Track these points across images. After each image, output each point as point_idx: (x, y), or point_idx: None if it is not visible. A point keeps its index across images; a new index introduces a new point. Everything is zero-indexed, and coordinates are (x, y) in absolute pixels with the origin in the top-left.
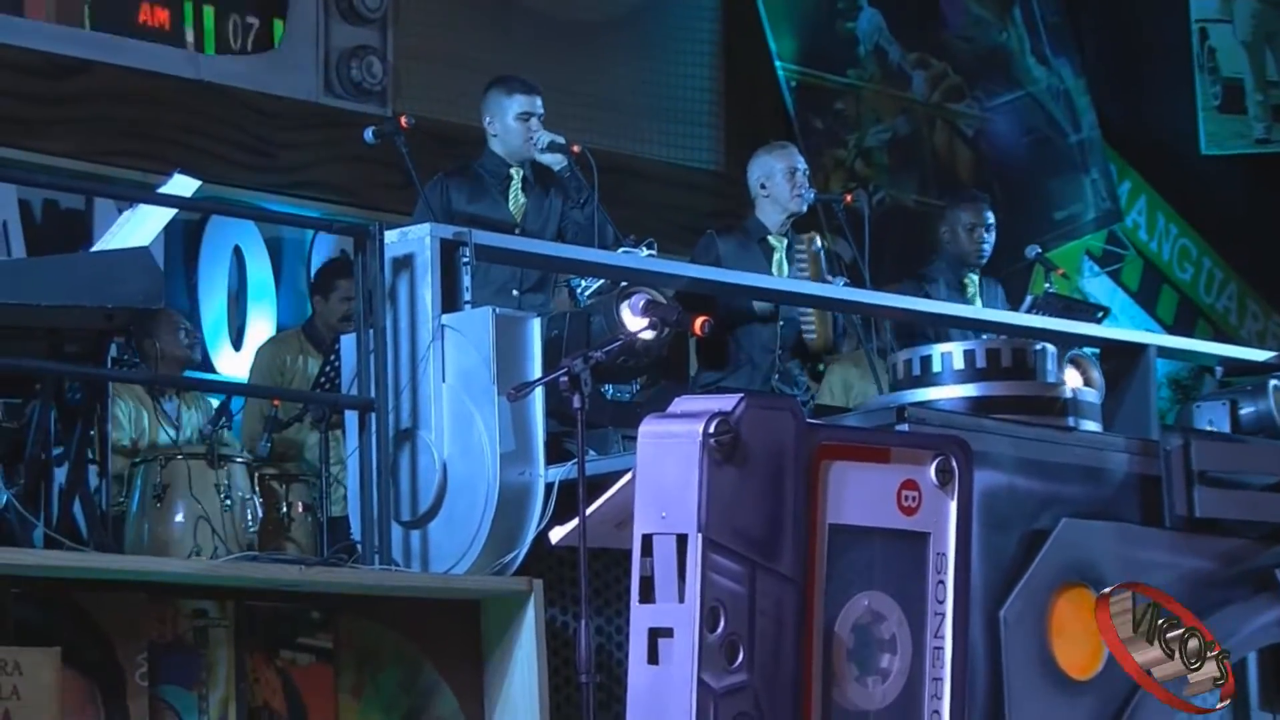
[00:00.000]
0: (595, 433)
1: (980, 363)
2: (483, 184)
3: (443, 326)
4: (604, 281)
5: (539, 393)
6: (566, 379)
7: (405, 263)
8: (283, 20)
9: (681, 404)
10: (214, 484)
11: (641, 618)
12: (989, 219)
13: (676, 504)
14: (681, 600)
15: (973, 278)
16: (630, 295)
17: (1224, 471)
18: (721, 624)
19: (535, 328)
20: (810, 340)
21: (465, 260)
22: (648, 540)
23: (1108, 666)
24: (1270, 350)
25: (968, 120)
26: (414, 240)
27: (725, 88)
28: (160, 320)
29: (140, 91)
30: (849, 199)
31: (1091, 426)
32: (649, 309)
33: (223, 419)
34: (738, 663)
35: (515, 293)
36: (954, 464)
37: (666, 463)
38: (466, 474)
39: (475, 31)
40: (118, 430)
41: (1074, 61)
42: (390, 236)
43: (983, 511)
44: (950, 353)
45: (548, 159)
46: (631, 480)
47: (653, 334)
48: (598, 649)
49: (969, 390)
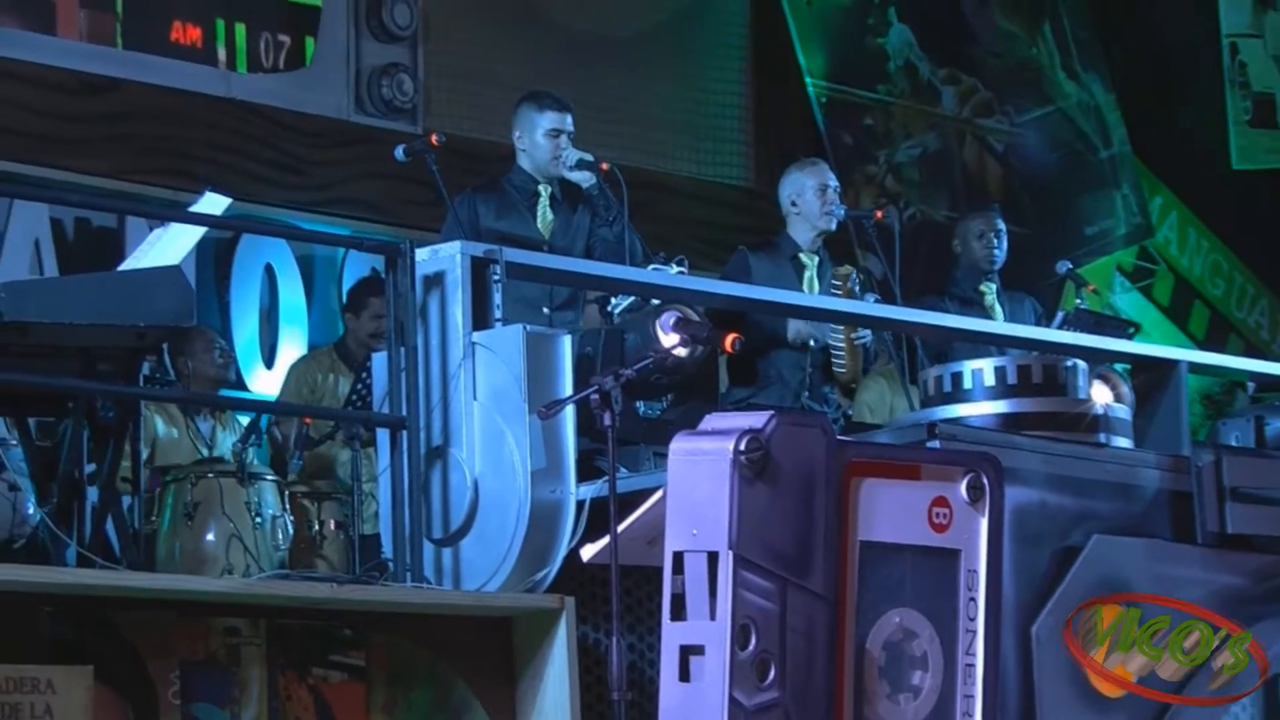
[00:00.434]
0: (627, 450)
1: (1011, 379)
2: (510, 200)
3: (474, 344)
4: (634, 299)
5: (570, 410)
6: (597, 396)
7: (436, 280)
8: (314, 38)
9: (712, 421)
10: (245, 502)
11: (673, 635)
12: (999, 226)
13: (708, 521)
14: (713, 618)
15: (990, 286)
16: (661, 312)
17: (1256, 487)
18: (753, 641)
19: (566, 345)
20: (840, 374)
21: (496, 278)
22: (679, 557)
23: (1139, 682)
24: None
25: (998, 135)
26: (445, 258)
27: (755, 103)
28: (195, 339)
29: (172, 110)
30: (879, 215)
31: (1123, 442)
32: (680, 326)
33: (253, 437)
34: (769, 680)
35: (546, 310)
36: (985, 481)
37: (697, 480)
38: (498, 491)
39: (505, 48)
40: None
41: (1104, 76)
42: (421, 254)
43: (1014, 528)
44: (981, 369)
45: (576, 177)
46: (663, 498)
47: (685, 351)
48: (629, 666)
49: (1000, 407)
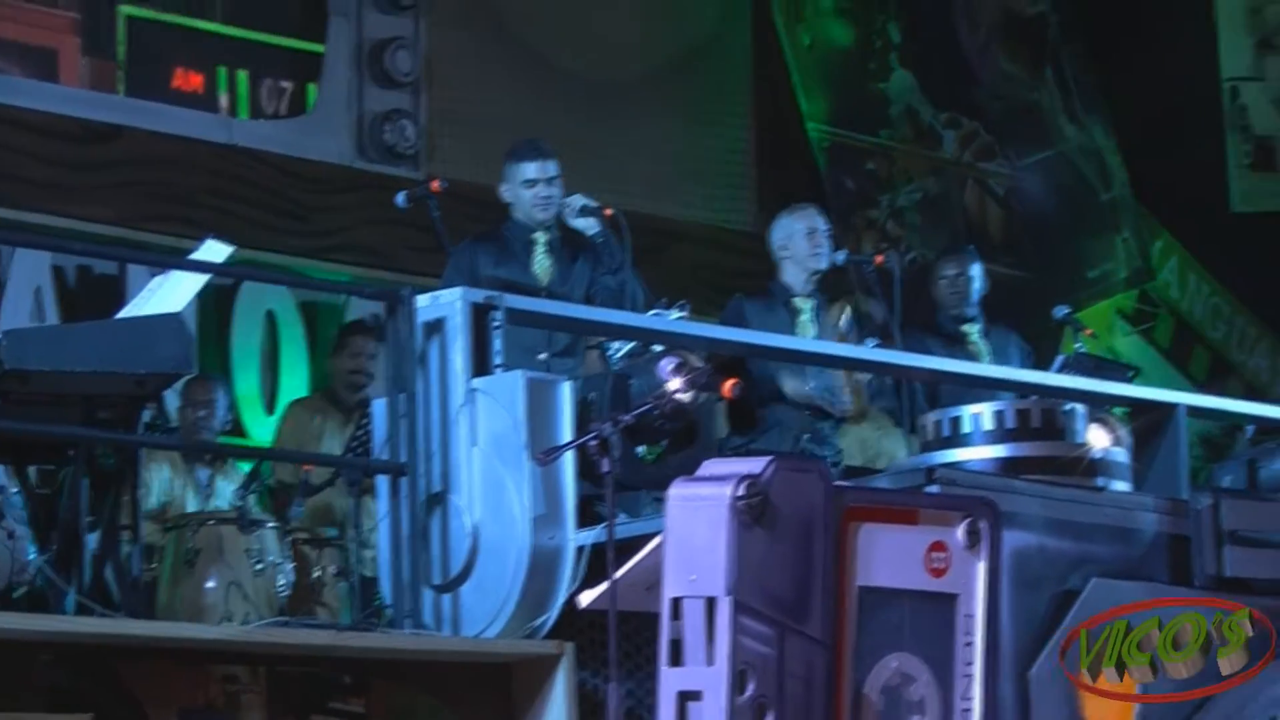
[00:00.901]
0: (626, 495)
1: (1010, 423)
2: (509, 248)
3: (473, 390)
4: (635, 344)
5: (569, 456)
6: (596, 443)
7: (436, 327)
8: (316, 84)
9: (710, 467)
10: (245, 549)
11: (671, 681)
12: (971, 271)
13: (705, 567)
14: (711, 663)
15: (972, 327)
16: (662, 357)
17: (1254, 531)
18: (751, 687)
19: (566, 391)
20: (846, 410)
21: (496, 324)
22: (677, 603)
23: None
24: None
25: (999, 179)
26: (445, 304)
27: (757, 148)
28: (188, 390)
29: (174, 157)
30: (880, 260)
31: (1121, 486)
32: (679, 371)
33: (253, 484)
34: None
35: (543, 356)
36: (982, 525)
37: (695, 525)
38: (497, 538)
39: (508, 94)
40: (146, 491)
41: (1105, 120)
42: (422, 300)
43: (1013, 571)
44: (980, 414)
45: (580, 224)
46: (661, 543)
47: (688, 396)
48: (628, 712)
49: (999, 451)
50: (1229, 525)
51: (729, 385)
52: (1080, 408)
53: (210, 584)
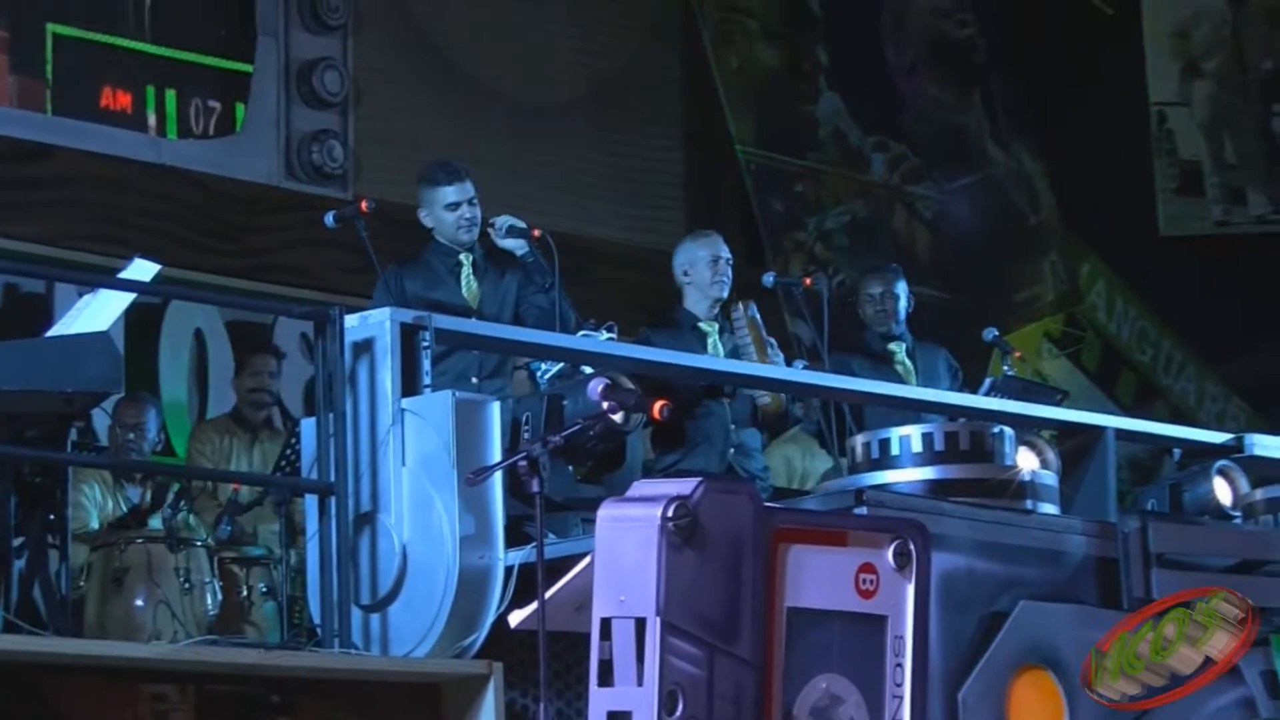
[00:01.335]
0: (555, 516)
1: (939, 446)
2: (436, 272)
3: (403, 410)
4: (564, 365)
5: (498, 476)
6: (525, 463)
7: (365, 347)
8: (244, 104)
9: (640, 488)
10: (174, 568)
11: (600, 701)
12: (897, 289)
13: (635, 587)
14: (640, 683)
15: (899, 345)
16: (592, 378)
17: (1181, 554)
18: (680, 707)
19: (495, 412)
20: (764, 404)
21: (425, 344)
22: (606, 624)
23: None
24: (1228, 431)
25: (927, 203)
26: (374, 324)
27: (686, 170)
28: (118, 411)
29: (102, 176)
30: (808, 282)
31: (1049, 509)
32: (608, 393)
33: (181, 503)
34: None
35: (474, 381)
36: (911, 547)
37: (625, 546)
38: (426, 557)
39: (436, 115)
40: (81, 513)
41: (1033, 144)
42: (351, 320)
43: (941, 593)
44: (909, 436)
45: (509, 244)
46: (591, 564)
47: (620, 417)
48: None
49: (927, 473)
50: (1157, 548)
51: (658, 406)
52: (1009, 430)
53: (139, 603)
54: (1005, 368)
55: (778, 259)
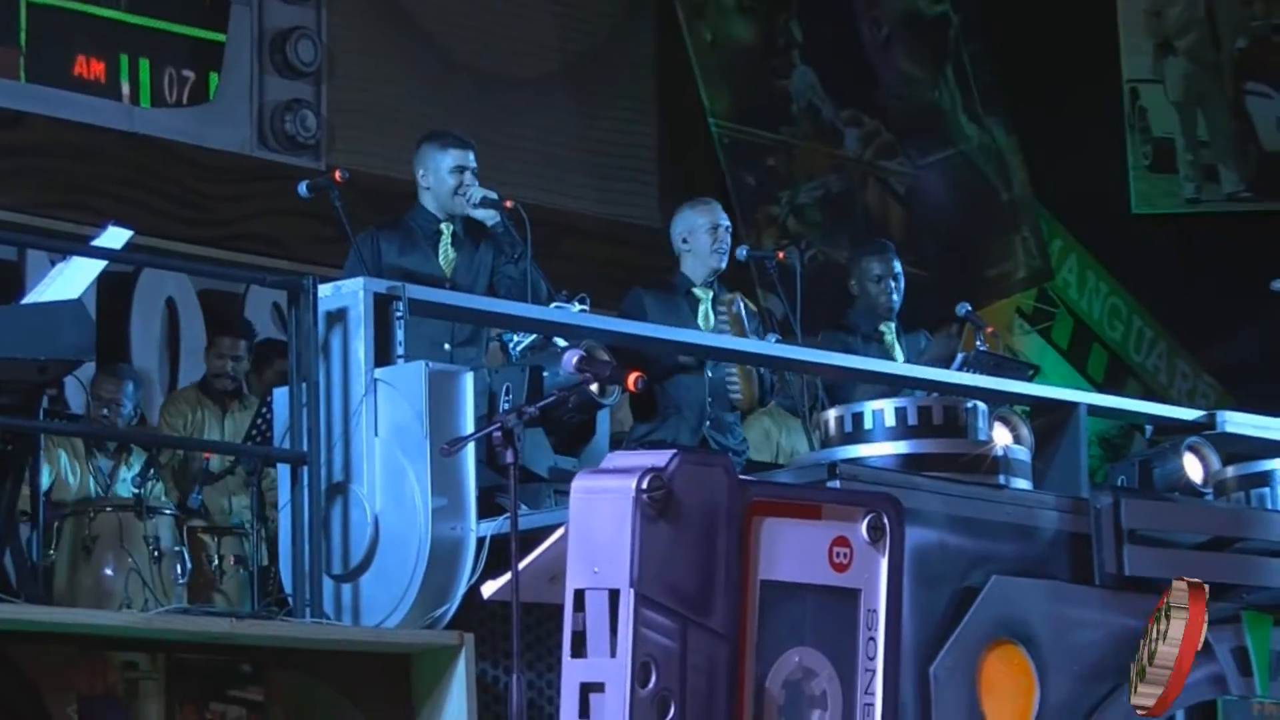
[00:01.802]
0: (527, 487)
1: (912, 420)
2: (413, 238)
3: (375, 380)
4: (537, 336)
5: (471, 447)
6: (500, 434)
7: (338, 316)
8: (218, 73)
9: (614, 459)
10: (143, 536)
11: (573, 672)
12: (896, 269)
13: (609, 559)
14: (613, 655)
15: (889, 326)
16: (565, 349)
17: (1154, 530)
18: (653, 679)
19: (468, 382)
20: (736, 400)
21: (399, 314)
22: (580, 595)
23: None
24: (1199, 409)
25: (900, 178)
26: (347, 294)
27: (659, 143)
28: (97, 384)
29: (75, 144)
30: (781, 256)
31: (1022, 484)
32: (583, 364)
33: (151, 471)
34: (669, 718)
35: (447, 347)
36: (885, 521)
37: (599, 518)
38: (398, 527)
39: (409, 86)
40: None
41: (1006, 120)
42: (324, 290)
43: (914, 568)
44: (882, 410)
45: (480, 214)
46: (564, 535)
47: (596, 389)
48: (529, 704)
49: (900, 447)
50: (1129, 524)
51: (633, 378)
52: (982, 405)
53: (109, 571)
54: (978, 343)
55: (750, 232)
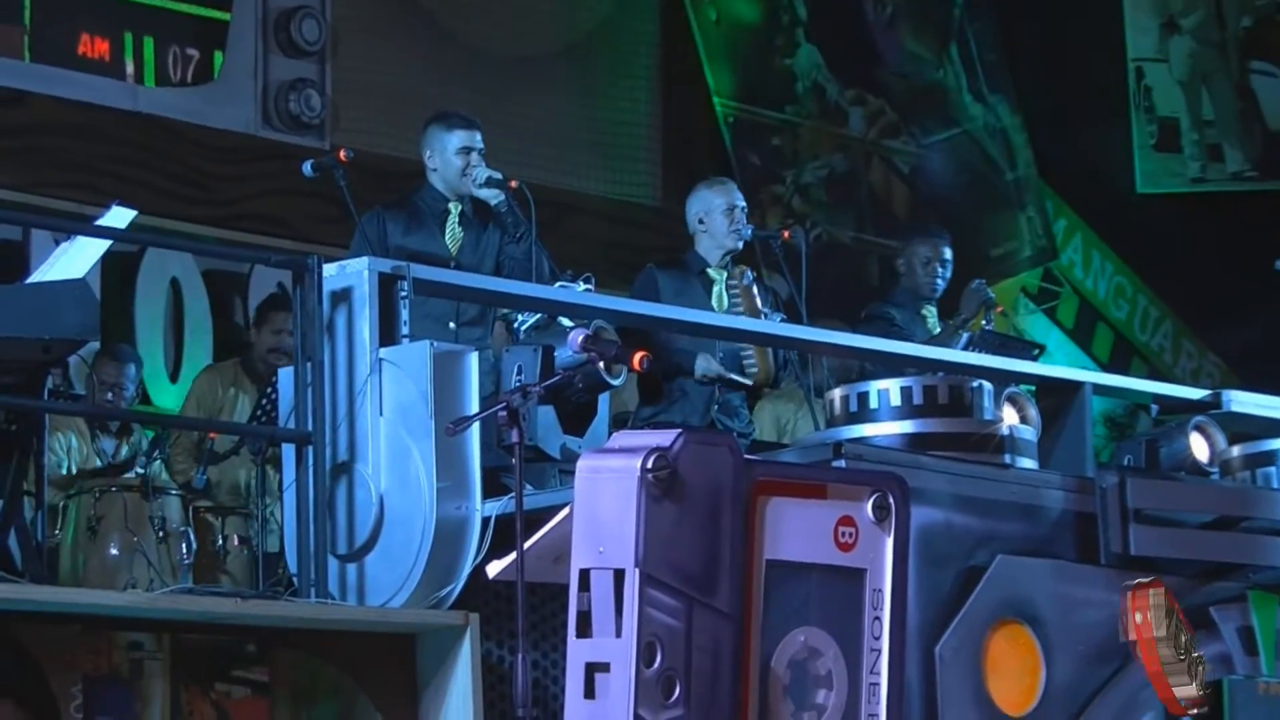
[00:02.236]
0: (532, 467)
1: (917, 399)
2: (420, 217)
3: (380, 360)
4: (542, 316)
5: (475, 427)
6: (505, 414)
7: (343, 296)
8: (222, 52)
9: (620, 439)
10: (148, 516)
11: (578, 652)
12: (946, 254)
13: (614, 539)
14: (619, 635)
15: (931, 309)
16: (571, 329)
17: (1159, 510)
18: (658, 659)
19: (473, 362)
20: (753, 376)
21: (403, 294)
22: (585, 575)
23: (1042, 702)
24: (1205, 388)
25: (904, 157)
26: (352, 274)
27: (663, 123)
28: (98, 366)
29: (79, 123)
30: (786, 236)
31: (1028, 464)
32: (588, 343)
33: (156, 451)
34: (674, 698)
35: (452, 326)
36: (891, 500)
37: (604, 498)
38: (403, 507)
39: (414, 66)
40: (56, 460)
41: (1010, 99)
42: (328, 270)
43: (919, 548)
44: (887, 389)
45: (485, 194)
46: (569, 515)
47: (603, 368)
48: (534, 683)
49: (906, 427)
50: (1135, 504)
51: (639, 358)
52: (987, 385)
53: (114, 551)
54: (985, 322)
55: (755, 212)
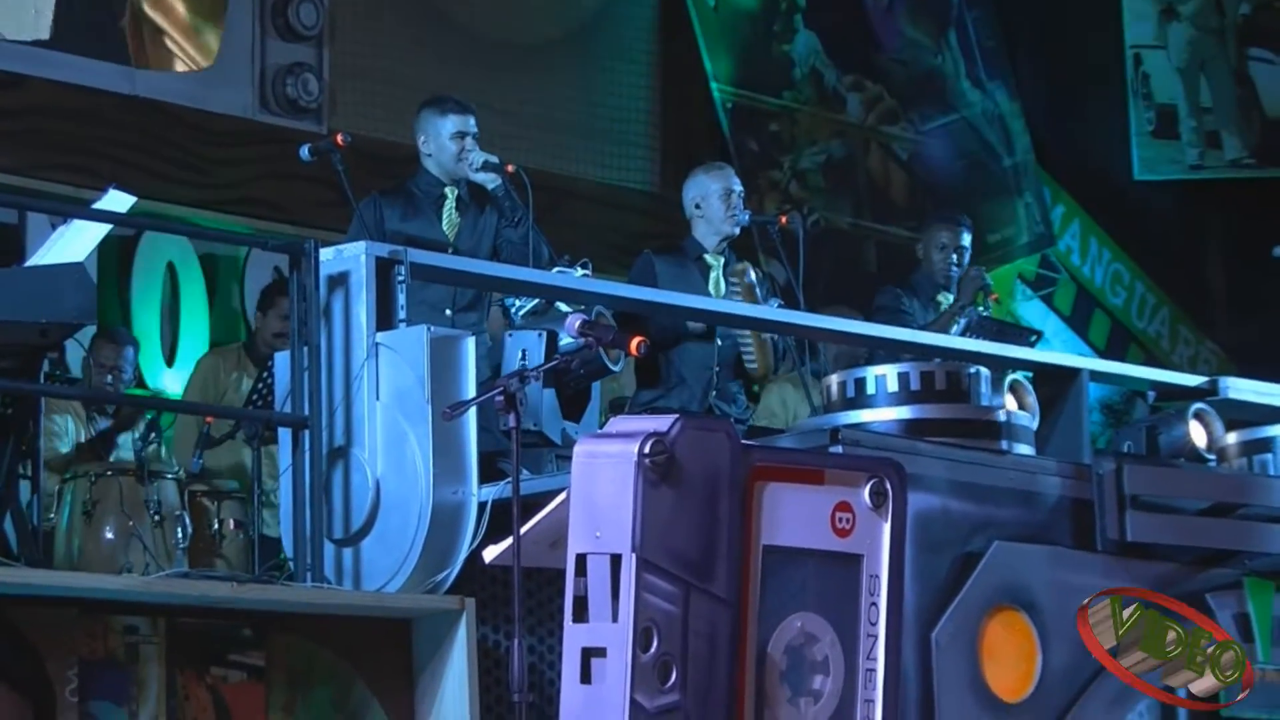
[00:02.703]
0: (528, 452)
1: (914, 385)
2: (416, 203)
3: (377, 345)
4: (539, 301)
5: (472, 412)
6: (502, 399)
7: (340, 280)
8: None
9: (617, 424)
10: (144, 500)
11: (575, 637)
12: (964, 241)
13: (611, 524)
14: (615, 620)
15: (946, 296)
16: (569, 314)
17: (1156, 496)
18: (655, 644)
19: (470, 347)
20: (752, 370)
21: (400, 279)
22: (581, 560)
23: (1038, 689)
24: (1202, 375)
25: (902, 143)
26: (349, 258)
27: (661, 108)
28: (97, 349)
29: (75, 107)
30: (784, 221)
31: (1025, 450)
32: (585, 328)
33: (153, 435)
34: (671, 683)
35: (448, 312)
36: (888, 486)
37: (601, 482)
38: (399, 492)
39: (411, 50)
40: (54, 440)
41: (1008, 85)
42: (326, 254)
43: (916, 534)
44: (884, 375)
45: (482, 178)
46: (566, 500)
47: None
48: (530, 668)
49: (903, 413)
50: (1131, 490)
51: (636, 343)
52: (985, 371)
53: (109, 534)
54: (982, 308)
55: (752, 198)
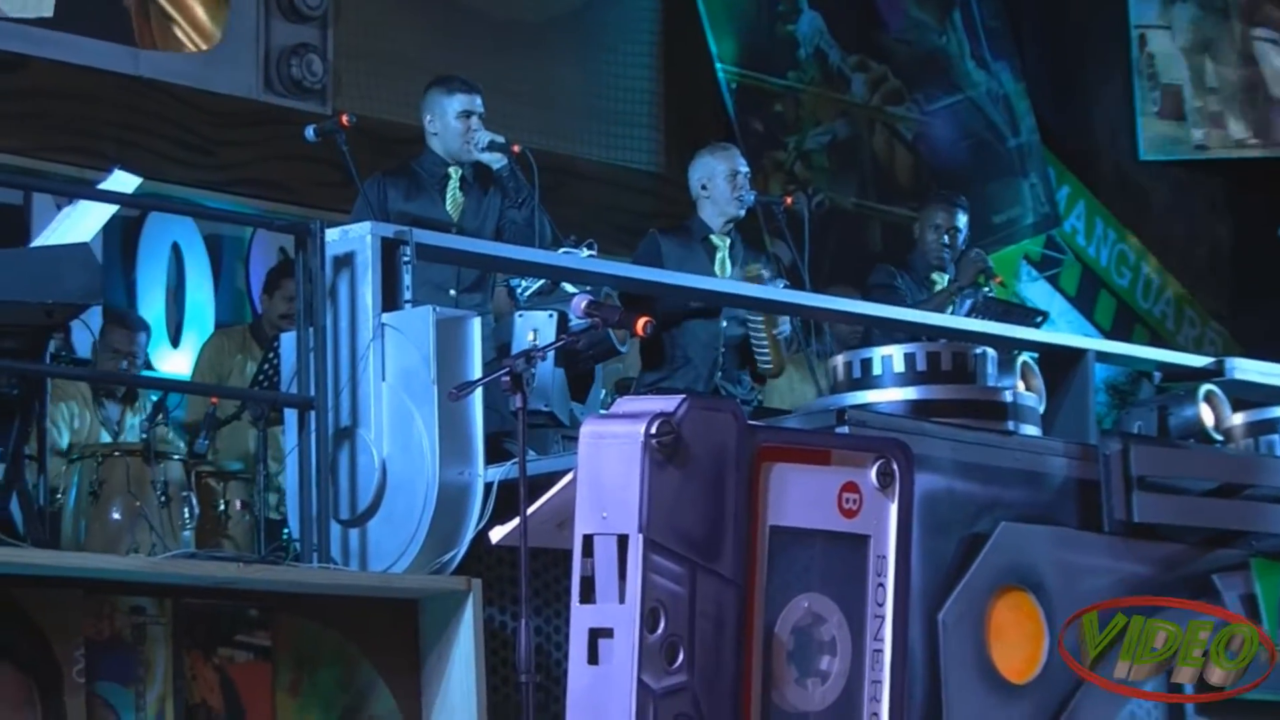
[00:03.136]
0: (535, 432)
1: (921, 366)
2: (420, 183)
3: (383, 325)
4: (544, 281)
5: (479, 392)
6: (508, 379)
7: (346, 261)
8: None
9: (623, 404)
10: (151, 480)
11: (582, 618)
12: (959, 223)
13: (618, 504)
14: (622, 601)
15: (941, 276)
16: (574, 294)
17: (1162, 477)
18: (662, 625)
19: (475, 327)
20: (765, 370)
21: (406, 259)
22: (588, 540)
23: (1045, 670)
24: (1207, 356)
25: (907, 124)
26: (355, 239)
27: (665, 89)
28: (107, 333)
29: (79, 87)
30: (789, 202)
31: (1031, 431)
32: (591, 309)
33: (159, 416)
34: (678, 663)
35: (452, 292)
36: (895, 467)
37: (608, 463)
38: (406, 473)
39: (416, 31)
40: (56, 432)
41: (1013, 66)
42: (331, 235)
43: (922, 514)
44: (890, 355)
45: (487, 158)
46: (573, 480)
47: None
48: (537, 649)
49: (909, 393)
50: (1138, 471)
51: (641, 323)
52: (991, 351)
53: (116, 515)
54: (986, 289)
55: (757, 178)
